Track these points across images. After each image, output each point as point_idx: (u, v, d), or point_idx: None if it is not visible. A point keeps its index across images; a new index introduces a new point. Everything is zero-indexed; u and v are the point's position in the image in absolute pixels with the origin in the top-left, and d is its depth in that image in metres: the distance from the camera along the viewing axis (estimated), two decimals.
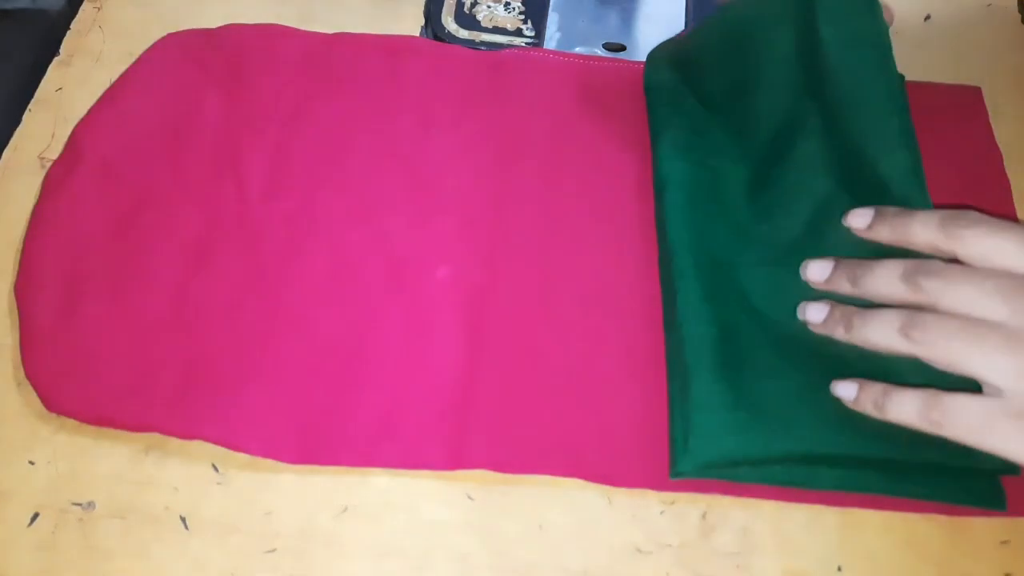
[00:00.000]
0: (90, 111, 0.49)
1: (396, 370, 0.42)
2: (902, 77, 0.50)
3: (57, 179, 0.47)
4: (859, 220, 0.40)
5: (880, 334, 0.37)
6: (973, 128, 0.50)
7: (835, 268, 0.40)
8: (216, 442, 0.40)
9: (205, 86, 0.50)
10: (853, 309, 0.38)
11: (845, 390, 0.38)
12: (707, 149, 0.47)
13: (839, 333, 0.39)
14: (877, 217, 0.39)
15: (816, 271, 0.40)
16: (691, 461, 0.38)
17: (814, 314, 0.40)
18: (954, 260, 0.36)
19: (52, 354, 0.42)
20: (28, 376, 0.41)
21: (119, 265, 0.44)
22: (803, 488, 0.39)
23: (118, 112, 0.49)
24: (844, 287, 0.39)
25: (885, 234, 0.39)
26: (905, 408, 0.35)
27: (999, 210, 0.48)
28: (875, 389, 0.37)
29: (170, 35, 0.52)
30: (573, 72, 0.52)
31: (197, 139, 0.49)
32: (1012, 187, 0.48)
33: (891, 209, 0.39)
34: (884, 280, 0.37)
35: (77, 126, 0.49)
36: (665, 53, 0.51)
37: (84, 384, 0.41)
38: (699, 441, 0.38)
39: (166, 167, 0.47)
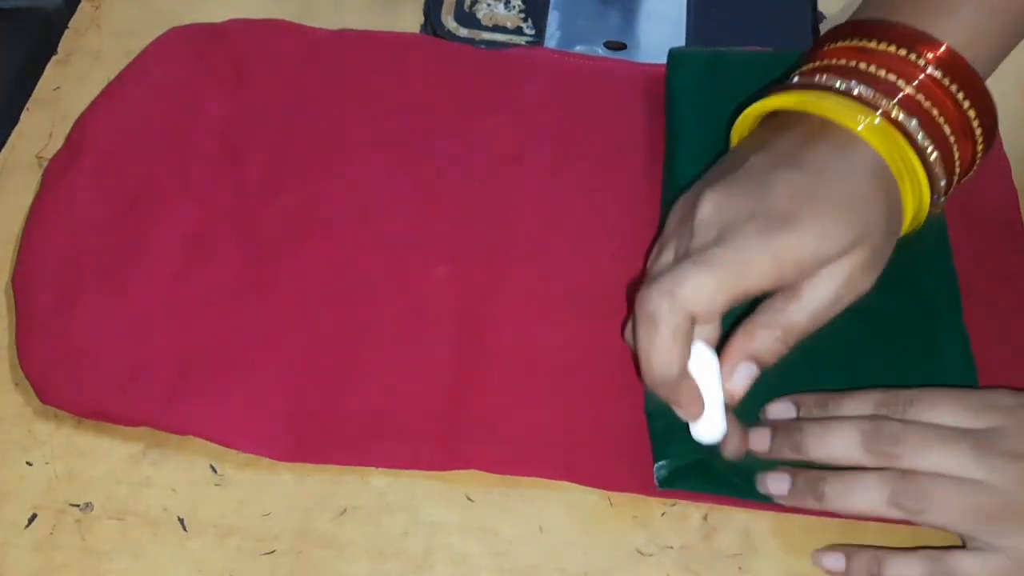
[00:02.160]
0: (92, 104, 0.49)
1: (391, 368, 0.42)
2: None
3: (57, 172, 0.47)
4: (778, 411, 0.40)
5: (864, 503, 0.35)
6: None
7: (775, 437, 0.38)
8: (209, 438, 0.40)
9: (207, 81, 0.50)
10: (820, 475, 0.36)
11: (833, 563, 0.37)
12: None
13: (808, 503, 0.37)
14: (809, 405, 0.39)
15: (757, 442, 0.38)
16: (668, 468, 0.39)
17: (776, 487, 0.37)
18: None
19: (48, 346, 0.41)
20: (23, 368, 0.41)
21: (117, 258, 0.44)
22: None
23: (120, 106, 0.49)
24: (787, 455, 0.37)
25: (817, 414, 0.39)
26: (907, 573, 0.35)
27: (1004, 218, 0.47)
28: (865, 556, 0.36)
29: (173, 29, 0.52)
30: (574, 71, 0.52)
31: (198, 133, 0.48)
32: (1013, 181, 0.48)
33: (814, 399, 0.39)
34: (841, 448, 0.36)
35: (79, 119, 0.49)
36: (698, 60, 0.51)
37: (79, 377, 0.41)
38: (676, 447, 0.39)
39: (167, 161, 0.47)
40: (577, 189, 0.47)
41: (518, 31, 0.54)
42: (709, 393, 0.36)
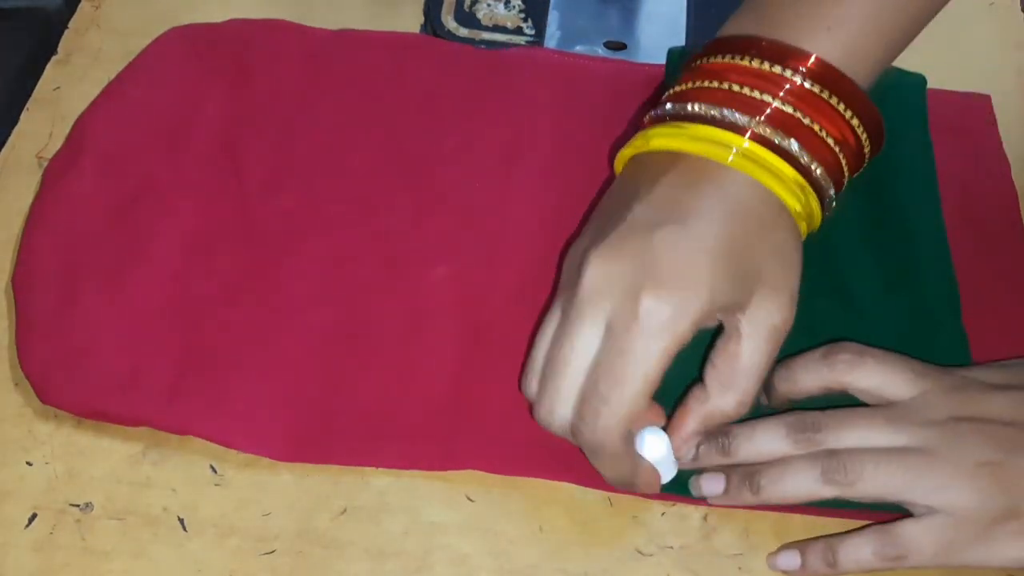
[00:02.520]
0: (92, 104, 0.49)
1: (391, 369, 0.42)
2: (923, 79, 0.50)
3: (58, 172, 0.47)
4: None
5: (798, 486, 0.36)
6: (981, 137, 0.50)
7: (702, 444, 0.38)
8: (209, 438, 0.40)
9: (207, 81, 0.50)
10: (752, 469, 0.37)
11: (788, 561, 0.37)
12: None
13: (746, 498, 0.37)
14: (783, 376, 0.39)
15: (683, 451, 0.38)
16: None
17: (710, 487, 0.38)
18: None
19: (48, 346, 0.41)
20: (23, 368, 0.41)
21: (117, 258, 0.44)
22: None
23: (120, 105, 0.49)
24: (717, 460, 0.38)
25: (785, 390, 0.39)
26: (859, 554, 0.35)
27: (1004, 218, 0.47)
28: (818, 547, 0.36)
29: (173, 29, 0.52)
30: (574, 72, 0.52)
31: (198, 134, 0.48)
32: (1013, 181, 0.48)
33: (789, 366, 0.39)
34: (767, 443, 0.37)
35: (79, 119, 0.49)
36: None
37: (79, 377, 0.41)
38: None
39: (167, 161, 0.47)
40: (577, 189, 0.47)
41: (518, 31, 0.54)
42: (664, 464, 0.38)
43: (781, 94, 0.36)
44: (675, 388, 0.38)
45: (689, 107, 0.37)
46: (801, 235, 0.38)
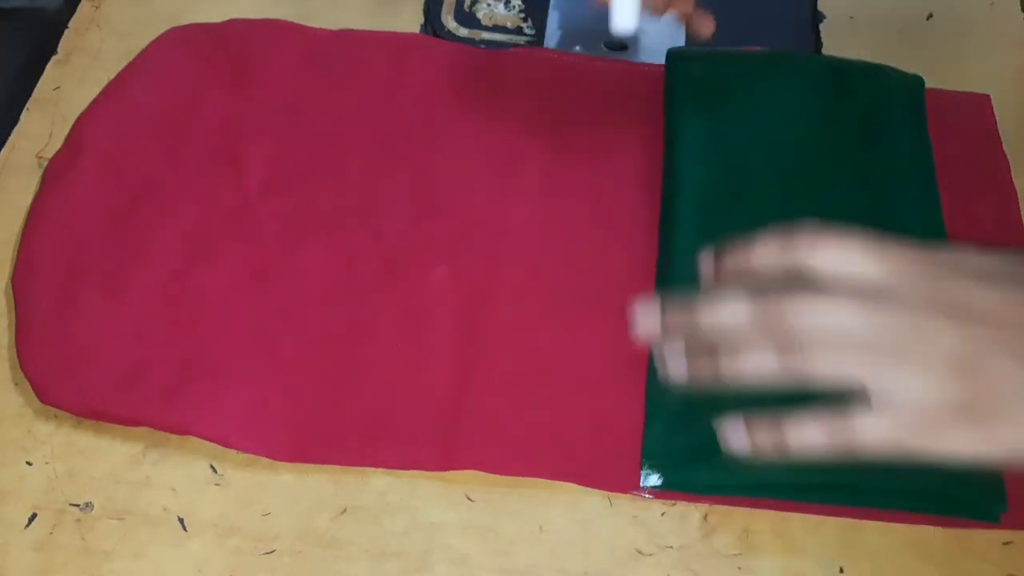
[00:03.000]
0: (91, 104, 0.49)
1: (391, 369, 0.42)
2: (921, 79, 0.50)
3: (57, 172, 0.47)
4: (708, 265, 0.37)
5: (759, 366, 0.34)
6: (981, 135, 0.50)
7: (664, 322, 0.35)
8: (208, 438, 0.40)
9: (207, 81, 0.50)
10: (713, 348, 0.35)
11: (736, 439, 0.35)
12: (730, 150, 0.47)
13: (705, 373, 0.35)
14: (728, 258, 0.36)
15: (653, 335, 0.36)
16: (659, 476, 0.39)
17: (674, 365, 0.36)
18: None
19: (47, 346, 0.41)
20: (23, 368, 0.41)
21: (117, 258, 0.44)
22: (798, 501, 0.39)
23: (120, 105, 0.49)
24: (680, 322, 0.35)
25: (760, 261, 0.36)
26: (810, 436, 0.33)
27: (1004, 218, 0.47)
28: (769, 428, 0.34)
29: (173, 29, 0.52)
30: (574, 72, 0.51)
31: (198, 134, 0.48)
32: (1012, 180, 0.48)
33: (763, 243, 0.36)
34: (729, 314, 0.34)
35: (78, 119, 0.49)
36: (696, 59, 0.51)
37: (78, 377, 0.41)
38: (668, 459, 0.39)
39: (166, 161, 0.47)
40: (576, 189, 0.47)
41: (518, 31, 0.54)
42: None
43: None
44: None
45: None
46: None
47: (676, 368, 0.36)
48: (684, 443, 0.39)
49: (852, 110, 0.47)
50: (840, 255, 0.34)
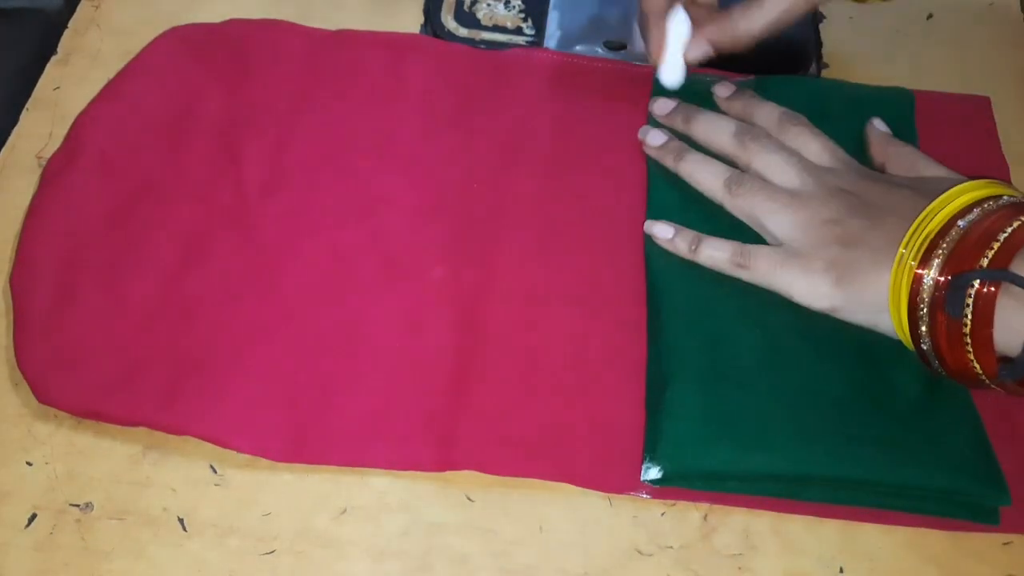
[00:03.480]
0: (90, 104, 0.49)
1: (388, 369, 0.42)
2: (912, 94, 0.50)
3: (55, 171, 0.47)
4: (723, 90, 0.49)
5: (705, 179, 0.45)
6: (981, 138, 0.50)
7: (675, 108, 0.48)
8: (205, 438, 0.40)
9: (206, 81, 0.50)
10: (688, 148, 0.46)
11: (661, 230, 0.44)
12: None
13: (668, 161, 0.46)
14: (736, 93, 0.49)
15: (660, 106, 0.49)
16: (659, 469, 0.39)
17: (653, 137, 0.47)
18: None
19: (45, 346, 0.41)
20: (20, 367, 0.41)
21: (115, 258, 0.44)
22: (796, 500, 0.39)
23: (119, 105, 0.49)
24: (678, 124, 0.48)
25: (737, 108, 0.48)
26: (716, 254, 0.43)
27: None
28: (689, 234, 0.44)
29: (173, 29, 0.52)
30: (572, 72, 0.51)
31: (197, 134, 0.48)
32: (1012, 183, 0.48)
33: (748, 92, 0.48)
34: (715, 130, 0.46)
35: (77, 118, 0.49)
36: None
37: (75, 376, 0.41)
38: (668, 449, 0.39)
39: (165, 161, 0.47)
40: (574, 189, 0.47)
41: (518, 31, 0.54)
42: (674, 46, 0.47)
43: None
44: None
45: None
46: None
47: (654, 138, 0.48)
48: (685, 433, 0.39)
49: (838, 131, 0.47)
50: (800, 136, 0.46)
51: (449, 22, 0.54)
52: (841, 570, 0.38)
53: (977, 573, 0.38)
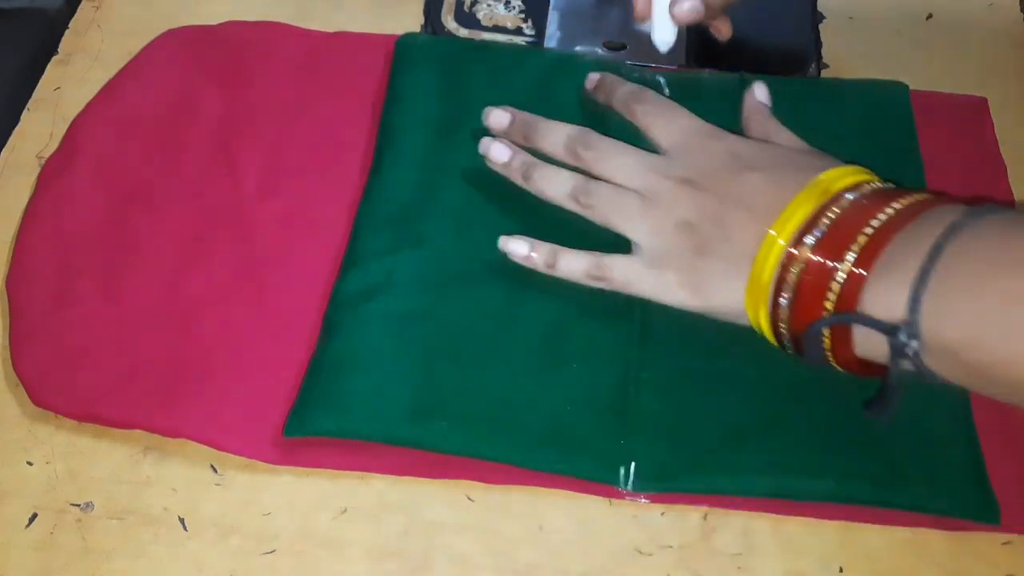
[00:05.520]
0: (87, 106, 0.49)
1: None
2: (906, 86, 0.50)
3: (52, 173, 0.47)
4: (589, 81, 0.47)
5: (554, 193, 0.43)
6: (978, 139, 0.50)
7: (513, 120, 0.45)
8: (201, 441, 0.39)
9: (204, 83, 0.50)
10: (534, 161, 0.43)
11: (517, 246, 0.42)
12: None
13: (517, 180, 0.44)
14: (600, 82, 0.47)
15: (496, 117, 0.45)
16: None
17: (497, 153, 0.44)
18: None
19: (41, 349, 0.41)
20: (17, 370, 0.41)
21: (112, 261, 0.44)
22: (793, 500, 0.39)
23: (116, 107, 0.49)
24: (518, 139, 0.45)
25: (601, 98, 0.46)
26: (574, 266, 0.41)
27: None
28: (545, 248, 0.42)
29: (170, 31, 0.52)
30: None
31: (194, 136, 0.48)
32: (1012, 185, 0.48)
33: (610, 77, 0.47)
34: (551, 143, 0.44)
35: (75, 120, 0.49)
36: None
37: (72, 380, 0.40)
38: (649, 469, 0.39)
39: (162, 163, 0.47)
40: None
41: (518, 31, 0.54)
42: (662, 3, 0.46)
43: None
44: None
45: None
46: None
47: (499, 152, 0.44)
48: (673, 454, 0.39)
49: (835, 129, 0.47)
50: (646, 120, 0.44)
51: (449, 22, 0.54)
52: (841, 570, 0.38)
53: (977, 573, 0.38)
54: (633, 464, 0.39)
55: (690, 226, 0.39)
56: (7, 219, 0.46)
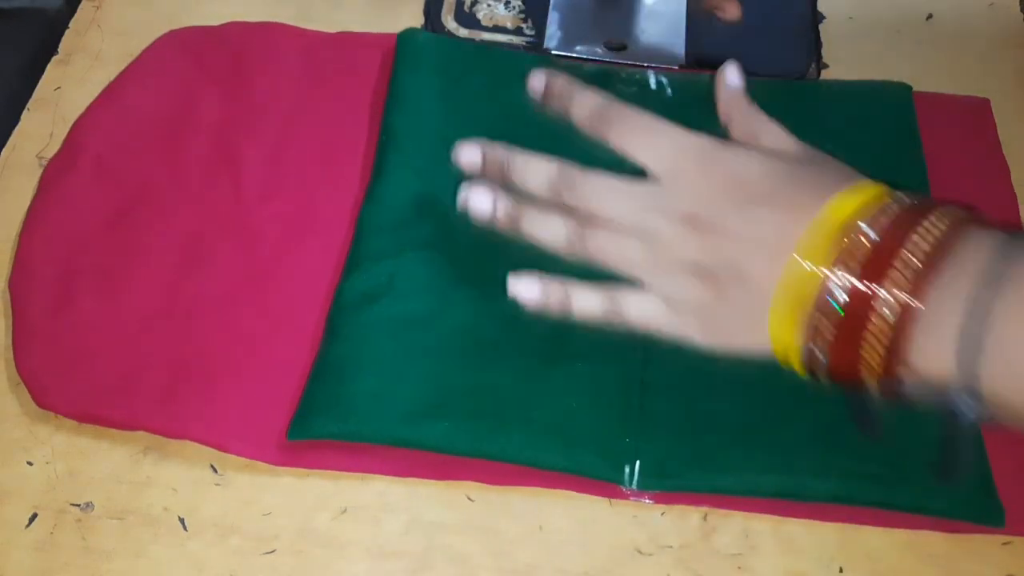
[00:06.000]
0: (89, 107, 0.49)
1: None
2: (909, 87, 0.50)
3: (54, 175, 0.47)
4: (536, 82, 0.40)
5: (548, 242, 0.37)
6: (981, 140, 0.50)
7: (485, 157, 0.38)
8: (203, 442, 0.39)
9: (204, 84, 0.50)
10: (519, 209, 0.38)
11: (528, 291, 0.37)
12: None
13: (504, 224, 0.38)
14: (549, 86, 0.39)
15: (467, 154, 0.38)
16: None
17: (477, 204, 0.38)
18: None
19: (44, 350, 0.41)
20: (19, 371, 0.41)
21: (113, 262, 0.44)
22: (795, 500, 0.39)
23: (117, 109, 0.49)
24: (495, 176, 0.38)
25: (555, 106, 0.39)
26: (588, 306, 0.37)
27: (1006, 224, 0.47)
28: (558, 289, 0.37)
29: (171, 32, 0.52)
30: None
31: (195, 137, 0.48)
32: (1012, 184, 0.48)
33: (562, 80, 0.39)
34: (533, 184, 0.38)
35: (76, 122, 0.49)
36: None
37: (74, 381, 0.40)
38: (652, 466, 0.39)
39: (164, 165, 0.47)
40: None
41: (518, 31, 0.54)
42: None
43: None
44: None
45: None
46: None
47: (480, 201, 0.38)
48: (677, 452, 0.39)
49: (838, 132, 0.47)
50: (631, 142, 0.37)
51: (449, 22, 0.54)
52: (841, 570, 0.38)
53: (977, 573, 0.38)
54: (638, 462, 0.39)
55: (702, 270, 0.36)
56: (8, 219, 0.46)
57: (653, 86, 0.50)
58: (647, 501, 0.39)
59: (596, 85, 0.46)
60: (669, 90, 0.49)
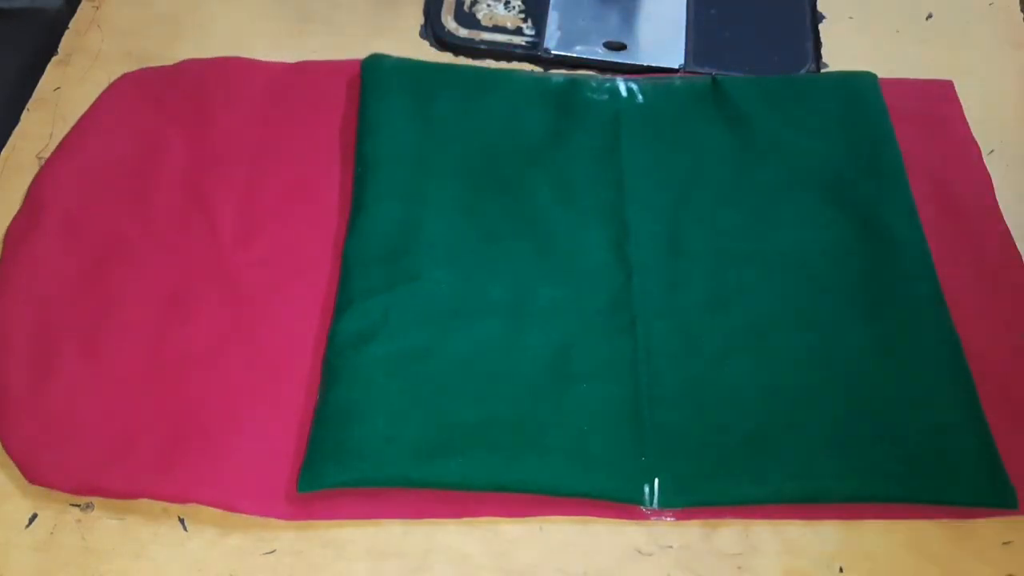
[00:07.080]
0: (47, 162, 0.47)
1: None
2: (875, 75, 0.51)
3: (18, 236, 0.44)
4: None
5: None
6: (949, 122, 0.50)
7: None
8: (210, 504, 0.38)
9: (166, 127, 0.48)
10: None
11: None
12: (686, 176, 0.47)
13: None
14: None
15: None
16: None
17: None
18: None
19: (29, 424, 0.39)
20: (7, 451, 0.39)
21: (91, 322, 0.42)
22: (820, 504, 0.39)
23: (77, 160, 0.47)
24: None
25: None
26: None
27: (980, 202, 0.47)
28: None
29: (126, 75, 0.50)
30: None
31: (163, 184, 0.46)
32: (1011, 186, 0.48)
33: None
34: None
35: (35, 178, 0.46)
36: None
37: (66, 453, 0.38)
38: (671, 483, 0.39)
39: (133, 216, 0.45)
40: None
41: (518, 31, 0.54)
42: None
43: None
44: None
45: None
46: None
47: None
48: (695, 466, 0.39)
49: (813, 123, 0.47)
50: None
51: (449, 22, 0.54)
52: (841, 570, 0.38)
53: (977, 573, 0.38)
54: (656, 480, 0.38)
55: None
56: (8, 218, 0.46)
57: (624, 93, 0.50)
58: (669, 519, 0.39)
59: (565, 94, 0.47)
60: (640, 96, 0.49)
